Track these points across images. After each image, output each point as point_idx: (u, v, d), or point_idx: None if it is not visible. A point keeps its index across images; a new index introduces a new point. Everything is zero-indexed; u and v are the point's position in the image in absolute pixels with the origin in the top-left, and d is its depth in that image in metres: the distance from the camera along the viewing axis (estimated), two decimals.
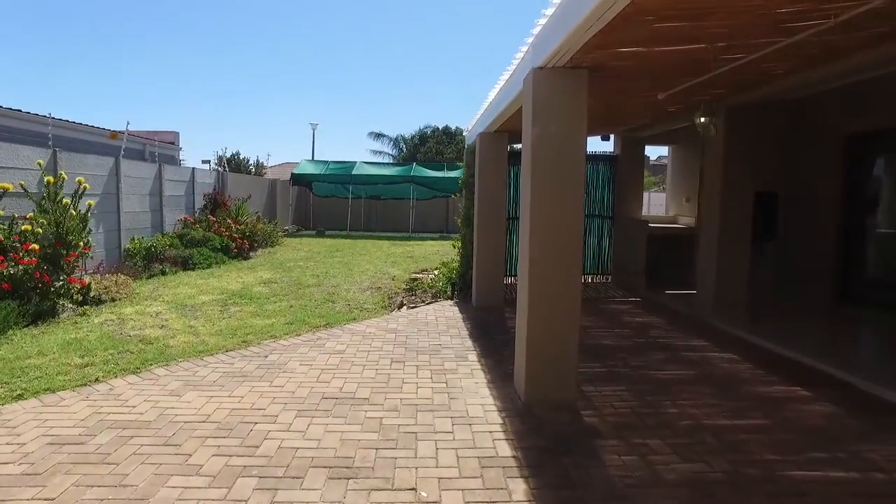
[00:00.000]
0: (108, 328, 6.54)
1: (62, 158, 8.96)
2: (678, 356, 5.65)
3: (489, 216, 7.87)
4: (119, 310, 7.55)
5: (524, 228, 4.36)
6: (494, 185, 7.83)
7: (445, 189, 22.37)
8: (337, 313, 7.44)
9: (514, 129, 7.46)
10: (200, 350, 5.61)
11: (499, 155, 7.82)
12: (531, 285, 4.22)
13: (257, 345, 5.87)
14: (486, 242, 7.93)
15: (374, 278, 10.58)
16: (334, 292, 9.01)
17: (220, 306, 7.81)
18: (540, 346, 4.28)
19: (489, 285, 7.98)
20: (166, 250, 11.13)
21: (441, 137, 40.52)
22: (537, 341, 4.28)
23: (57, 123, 11.75)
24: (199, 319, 7.01)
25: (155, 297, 8.37)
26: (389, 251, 15.57)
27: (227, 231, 13.29)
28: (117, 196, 10.43)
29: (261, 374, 4.93)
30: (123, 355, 5.45)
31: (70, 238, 7.99)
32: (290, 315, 7.25)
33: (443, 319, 7.18)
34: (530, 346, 4.29)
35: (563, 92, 4.17)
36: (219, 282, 9.82)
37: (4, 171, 7.94)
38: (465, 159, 9.74)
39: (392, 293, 9.13)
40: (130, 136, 15.05)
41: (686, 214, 10.71)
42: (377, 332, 6.43)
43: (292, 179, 21.88)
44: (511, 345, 5.89)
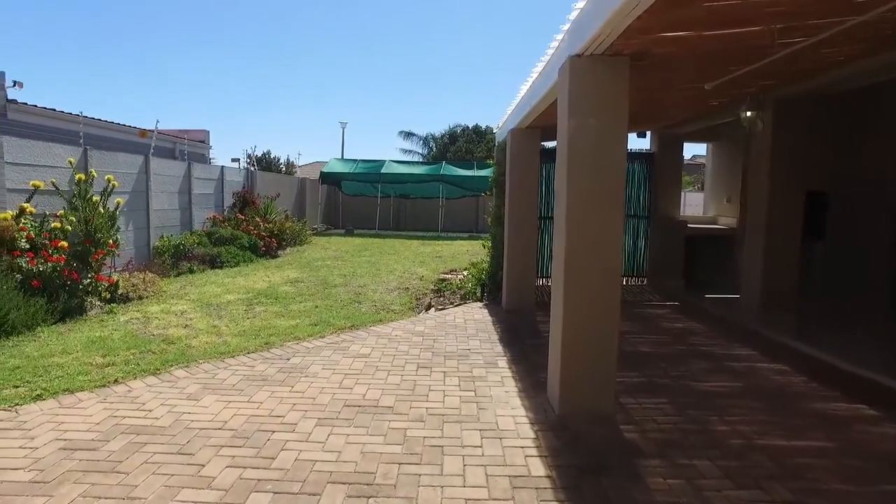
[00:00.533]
0: (132, 327, 6.47)
1: (93, 156, 8.99)
2: (723, 366, 5.28)
3: (520, 215, 7.58)
4: (145, 308, 7.50)
5: (559, 228, 4.07)
6: (526, 184, 7.54)
7: (475, 188, 22.10)
8: (363, 314, 7.25)
9: (546, 124, 7.16)
10: (222, 351, 5.47)
11: (530, 152, 7.53)
12: (567, 289, 3.93)
13: (280, 346, 5.71)
14: (517, 242, 7.65)
15: (402, 278, 10.38)
16: (361, 292, 8.84)
17: (244, 306, 7.70)
18: (576, 355, 3.99)
19: (520, 287, 7.69)
20: (194, 248, 11.14)
21: (471, 136, 40.26)
22: (573, 349, 3.99)
23: (88, 122, 11.87)
24: (223, 319, 6.90)
25: (181, 296, 8.31)
26: (418, 251, 15.38)
27: (255, 229, 13.27)
28: (147, 194, 10.46)
29: (282, 378, 4.75)
30: (145, 355, 5.34)
31: (98, 236, 7.99)
32: (315, 316, 7.09)
33: (471, 322, 6.92)
34: (565, 354, 4.00)
35: (603, 82, 3.87)
36: (245, 280, 9.74)
37: (37, 168, 7.98)
38: (496, 157, 9.46)
39: (420, 294, 8.91)
40: (161, 134, 15.19)
41: (727, 215, 10.23)
42: (403, 335, 6.21)
43: (321, 178, 21.88)
44: (543, 351, 5.59)
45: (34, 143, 8.00)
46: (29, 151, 7.88)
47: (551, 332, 4.34)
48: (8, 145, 7.51)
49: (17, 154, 7.66)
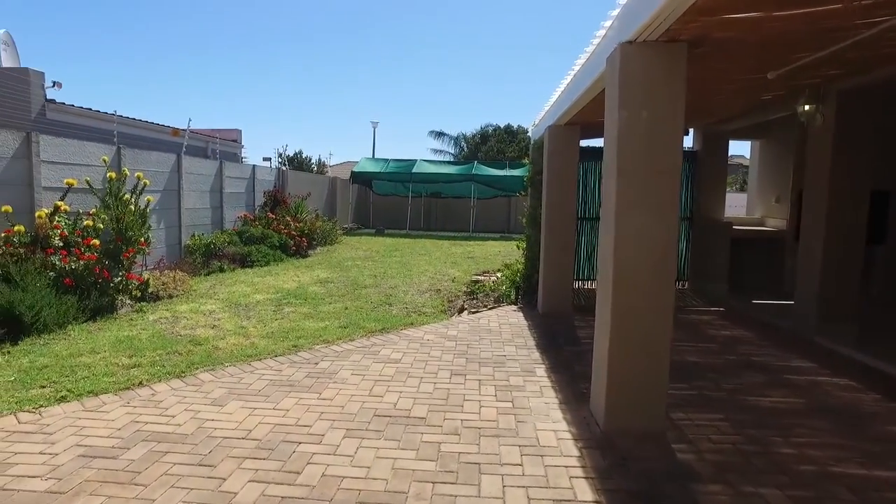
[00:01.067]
0: (160, 326, 6.38)
1: (126, 155, 9.00)
2: (781, 379, 4.88)
3: (557, 216, 7.26)
4: (174, 307, 7.43)
5: (607, 228, 3.77)
6: (564, 183, 7.21)
7: (508, 188, 21.77)
8: (393, 317, 7.03)
9: (587, 121, 6.83)
10: (249, 354, 5.31)
11: (569, 150, 7.20)
12: (615, 296, 3.62)
13: (308, 350, 5.52)
14: (554, 244, 7.33)
15: (434, 280, 10.14)
16: (391, 294, 8.63)
17: (273, 306, 7.56)
18: (623, 366, 3.68)
19: (557, 290, 7.37)
20: (225, 247, 11.11)
21: (503, 136, 39.91)
22: (620, 360, 3.68)
23: (122, 121, 11.97)
24: (252, 320, 6.76)
25: (210, 295, 8.23)
26: (449, 251, 15.14)
27: (285, 229, 13.22)
28: (178, 193, 10.46)
29: (309, 383, 4.55)
30: (171, 357, 5.21)
31: (129, 234, 7.96)
32: (345, 318, 6.90)
33: (506, 327, 6.64)
34: (612, 366, 3.69)
35: (657, 71, 3.55)
36: (275, 280, 9.64)
37: (71, 167, 7.99)
38: (531, 156, 9.15)
39: (452, 296, 8.66)
40: (193, 133, 15.28)
41: (775, 216, 9.70)
42: (436, 340, 5.97)
43: (352, 177, 21.85)
44: (584, 359, 5.29)
45: (69, 142, 8.02)
46: (64, 150, 7.90)
47: (596, 341, 4.04)
48: (43, 144, 7.52)
49: (52, 152, 7.68)
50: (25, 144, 7.25)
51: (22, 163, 7.24)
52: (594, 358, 4.05)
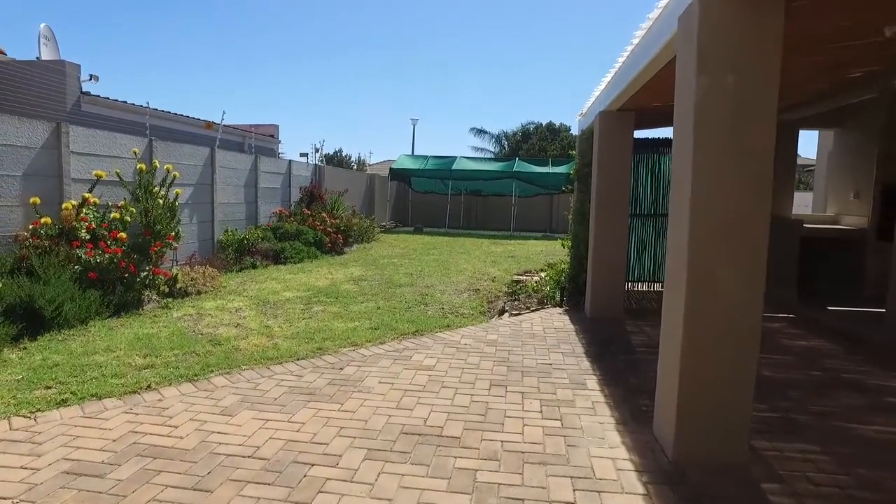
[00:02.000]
0: (182, 324, 6.04)
1: (157, 147, 8.78)
2: (885, 402, 4.14)
3: (609, 212, 6.61)
4: (201, 304, 7.11)
5: (679, 223, 3.15)
6: (616, 175, 6.56)
7: (550, 185, 21.03)
8: (429, 318, 6.52)
9: (642, 105, 6.16)
10: (270, 356, 4.87)
11: (622, 139, 6.54)
12: (691, 300, 3.00)
13: (334, 353, 5.06)
14: (604, 242, 6.68)
15: (473, 279, 9.59)
16: (427, 293, 8.13)
17: (303, 304, 7.16)
18: (699, 383, 3.06)
19: (607, 292, 6.72)
20: (258, 243, 10.83)
21: (544, 134, 39.11)
22: (695, 376, 3.05)
23: (155, 114, 11.84)
24: (278, 319, 6.36)
25: (239, 292, 7.90)
26: (489, 250, 14.56)
27: (321, 225, 12.90)
28: (212, 187, 10.22)
29: (331, 392, 4.07)
30: (187, 357, 4.83)
31: (158, 227, 7.70)
32: (377, 318, 6.42)
33: (551, 331, 6.03)
34: (684, 382, 3.07)
35: (747, 24, 2.91)
36: (307, 277, 9.27)
37: (101, 159, 7.79)
38: (578, 147, 8.50)
39: (492, 297, 8.10)
40: (231, 128, 15.16)
41: (853, 213, 8.76)
42: (474, 344, 5.42)
43: (390, 174, 21.49)
44: (639, 369, 4.65)
45: (99, 133, 7.82)
46: (94, 141, 7.69)
47: (662, 353, 3.42)
48: (73, 135, 7.32)
49: (82, 144, 7.47)
50: (55, 135, 7.06)
51: (51, 153, 7.04)
52: (660, 372, 3.43)
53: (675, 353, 3.13)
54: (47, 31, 10.02)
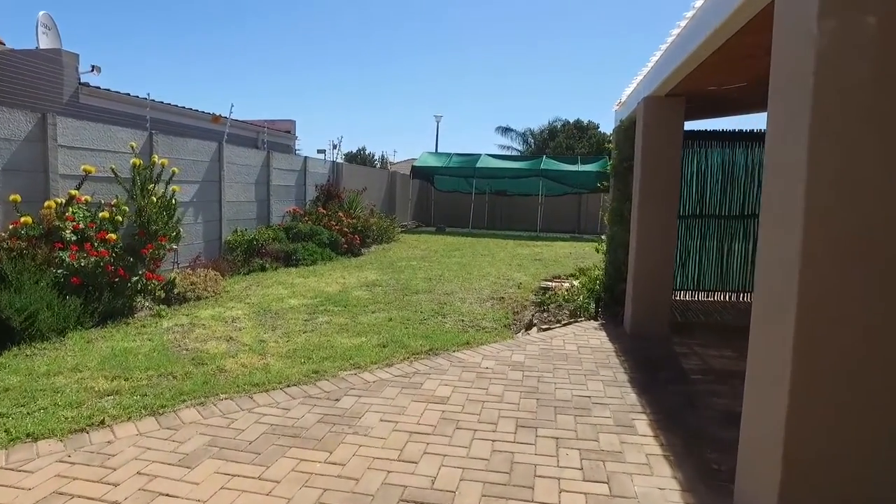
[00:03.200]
0: (170, 337, 5.37)
1: (159, 142, 8.16)
2: None
3: (654, 212, 5.74)
4: (197, 311, 6.45)
5: (782, 232, 2.30)
6: (664, 170, 5.69)
7: (578, 184, 20.08)
8: (446, 333, 5.73)
9: (697, 88, 5.28)
10: (256, 381, 4.14)
11: (670, 128, 5.66)
12: (804, 326, 2.15)
13: (332, 377, 4.31)
14: (648, 247, 5.81)
15: (497, 285, 8.78)
16: (446, 302, 7.34)
17: (307, 314, 6.44)
18: (817, 445, 2.21)
19: (651, 304, 5.84)
20: (269, 244, 10.18)
21: (572, 131, 38.07)
22: (813, 433, 2.21)
23: (156, 106, 11.25)
24: (276, 331, 5.65)
25: (242, 298, 7.23)
26: (514, 252, 13.71)
27: (336, 225, 12.22)
28: (219, 184, 9.60)
29: (321, 433, 3.32)
30: (162, 381, 4.13)
31: (153, 228, 7.08)
32: (386, 333, 5.67)
33: (587, 351, 5.20)
34: (793, 442, 2.22)
35: None
36: (318, 282, 8.57)
37: (96, 153, 7.19)
38: (615, 140, 7.64)
39: (518, 307, 7.28)
40: (243, 124, 14.57)
41: None
42: (497, 369, 4.62)
43: (412, 172, 20.75)
44: (699, 404, 3.79)
45: (93, 126, 7.22)
46: (87, 134, 7.09)
47: (748, 399, 2.57)
48: (62, 127, 6.73)
49: (72, 137, 6.88)
50: (40, 127, 6.46)
51: (36, 147, 6.45)
52: (746, 420, 2.59)
53: (778, 398, 2.28)
54: (47, 20, 9.52)
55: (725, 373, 4.65)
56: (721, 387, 4.30)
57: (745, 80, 5.08)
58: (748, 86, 5.29)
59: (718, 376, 4.58)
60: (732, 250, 7.79)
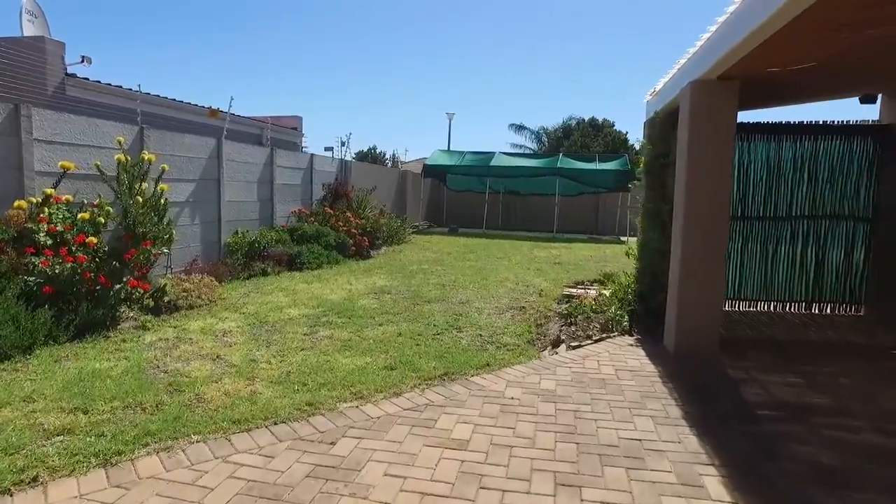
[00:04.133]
0: (149, 355, 4.72)
1: (151, 137, 7.54)
2: None
3: (702, 214, 5.00)
4: (186, 323, 5.82)
5: None
6: (714, 165, 4.94)
7: (595, 183, 19.30)
8: (462, 352, 5.03)
9: (758, 68, 4.53)
10: (238, 417, 3.47)
11: (724, 116, 4.92)
12: None
13: (329, 411, 3.62)
14: (696, 253, 5.07)
15: (516, 293, 8.06)
16: (462, 313, 6.64)
17: (307, 327, 5.77)
18: None
19: (697, 318, 5.10)
20: (272, 246, 9.54)
21: (587, 130, 37.19)
22: None
23: (148, 99, 10.58)
24: (271, 348, 4.98)
25: (238, 307, 6.58)
26: (531, 255, 12.98)
27: (344, 226, 11.56)
28: (218, 182, 8.97)
29: (308, 493, 2.63)
30: (127, 414, 3.48)
31: (140, 230, 6.45)
32: (395, 351, 4.98)
33: (627, 375, 4.47)
34: None
35: None
36: (322, 288, 7.91)
37: (79, 149, 6.58)
38: (647, 133, 6.89)
39: (541, 318, 6.56)
40: (246, 119, 13.94)
41: None
42: (524, 399, 3.91)
43: (424, 171, 20.04)
44: (781, 454, 3.03)
45: (74, 119, 6.61)
46: (68, 128, 6.48)
47: None
48: (38, 119, 6.12)
49: (51, 131, 6.27)
50: (12, 119, 5.85)
51: (8, 141, 5.84)
52: None
53: None
54: (32, 6, 8.90)
55: (797, 407, 3.91)
56: (797, 427, 3.56)
57: (815, 60, 4.32)
58: (816, 67, 4.54)
59: (790, 412, 3.84)
60: (778, 255, 7.03)
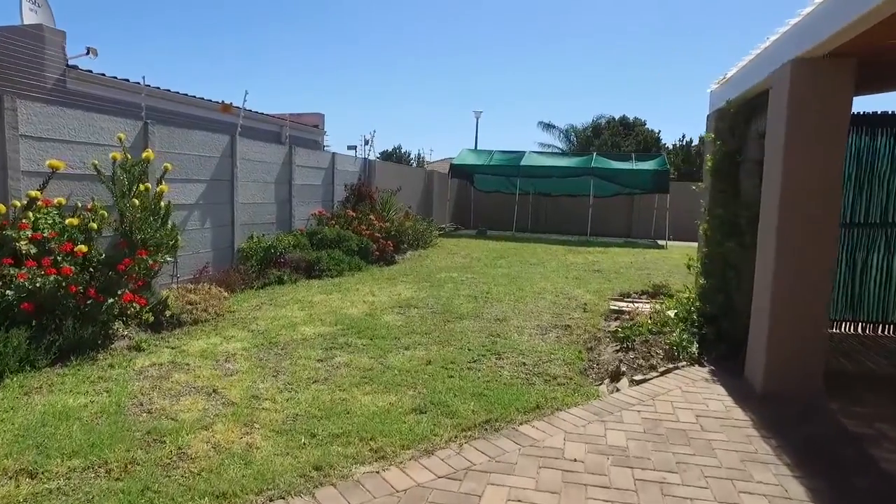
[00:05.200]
0: (136, 386, 3.99)
1: (155, 133, 6.86)
2: None
3: (804, 220, 4.06)
4: (186, 343, 5.10)
5: None
6: (822, 162, 4.00)
7: (632, 184, 18.26)
8: (505, 387, 4.19)
9: (880, 43, 3.59)
10: (224, 489, 2.67)
11: (836, 102, 3.97)
12: None
13: (341, 480, 2.81)
14: (793, 267, 4.12)
15: (557, 307, 7.18)
16: (499, 333, 5.80)
17: (322, 350, 5.00)
18: None
19: (794, 347, 4.16)
20: (289, 251, 8.82)
21: (617, 129, 35.94)
22: None
23: (155, 93, 9.89)
24: (278, 379, 4.21)
25: (246, 323, 5.85)
26: (567, 260, 12.05)
27: (367, 229, 10.80)
28: (231, 183, 8.27)
29: None
30: (84, 481, 2.73)
31: (138, 237, 5.76)
32: (425, 385, 4.15)
33: (712, 425, 3.57)
34: None
35: None
36: (341, 300, 7.14)
37: (72, 146, 5.91)
38: (715, 128, 5.98)
39: (590, 339, 5.68)
40: (263, 116, 13.27)
41: None
42: (590, 463, 3.04)
43: (451, 171, 19.19)
44: None
45: (68, 113, 5.94)
46: (61, 123, 5.81)
47: None
48: (26, 112, 5.46)
49: (41, 126, 5.60)
50: None
51: None
52: None
53: None
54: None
55: None
56: None
57: None
58: None
59: None
60: (868, 267, 6.05)
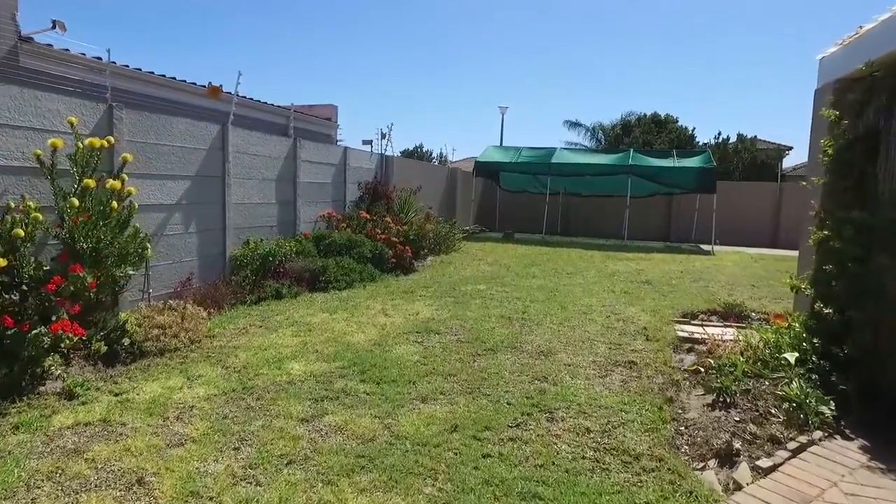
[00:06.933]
0: (26, 471, 2.73)
1: (123, 119, 5.64)
2: None
3: None
4: (136, 387, 3.86)
5: None
6: None
7: (674, 183, 16.68)
8: (568, 479, 2.82)
9: None
10: None
11: None
12: None
13: None
14: None
15: (612, 332, 5.78)
16: (546, 374, 4.43)
17: (310, 402, 3.69)
18: None
19: None
20: (291, 260, 7.57)
21: (648, 126, 34.08)
22: None
23: (125, 72, 8.52)
24: (238, 456, 2.91)
25: (223, 356, 4.58)
26: (606, 268, 10.59)
27: (383, 233, 9.49)
28: (222, 180, 7.03)
29: None
30: None
31: (80, 246, 4.52)
32: (449, 476, 2.81)
33: None
34: None
35: None
36: (347, 321, 5.84)
37: (7, 130, 4.71)
38: (835, 102, 4.55)
39: (666, 382, 4.27)
40: (268, 107, 12.01)
41: None
42: None
43: (475, 169, 17.79)
44: None
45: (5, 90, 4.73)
46: None
47: None
48: None
49: None
50: None
51: None
52: None
53: None
54: None
55: None
56: None
57: None
58: None
59: None
60: None
